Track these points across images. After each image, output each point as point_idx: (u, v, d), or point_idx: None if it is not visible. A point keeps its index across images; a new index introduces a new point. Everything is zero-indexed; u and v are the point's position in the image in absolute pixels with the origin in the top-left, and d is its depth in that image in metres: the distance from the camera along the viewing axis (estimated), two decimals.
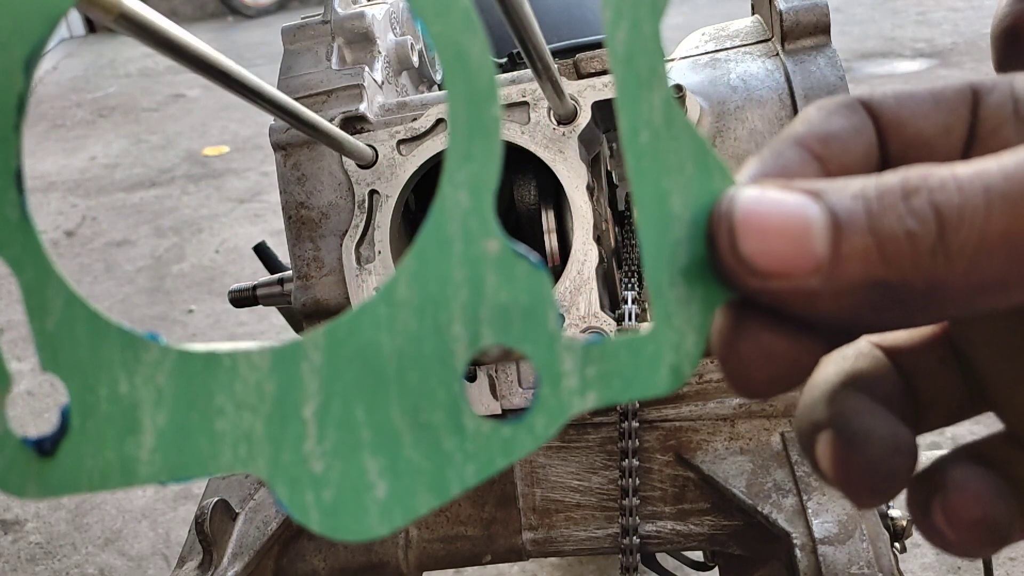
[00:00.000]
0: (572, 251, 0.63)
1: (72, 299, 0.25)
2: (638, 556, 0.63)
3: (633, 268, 0.70)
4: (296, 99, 0.56)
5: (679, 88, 0.65)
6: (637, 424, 0.65)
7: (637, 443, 0.64)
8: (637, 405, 0.65)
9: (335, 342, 0.24)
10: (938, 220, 0.21)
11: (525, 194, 0.70)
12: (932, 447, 1.75)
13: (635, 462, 0.64)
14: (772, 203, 0.22)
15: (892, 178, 0.22)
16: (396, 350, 0.24)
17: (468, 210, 0.24)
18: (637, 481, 0.63)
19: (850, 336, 0.25)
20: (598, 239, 0.64)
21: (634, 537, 0.63)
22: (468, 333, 0.24)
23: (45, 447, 0.25)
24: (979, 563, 1.14)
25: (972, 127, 0.27)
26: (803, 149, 0.26)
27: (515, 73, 0.69)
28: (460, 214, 0.24)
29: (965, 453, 0.28)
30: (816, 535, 0.58)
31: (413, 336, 0.24)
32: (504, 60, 0.87)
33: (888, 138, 0.27)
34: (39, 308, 0.25)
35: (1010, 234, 0.20)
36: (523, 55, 0.46)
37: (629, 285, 0.67)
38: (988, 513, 0.25)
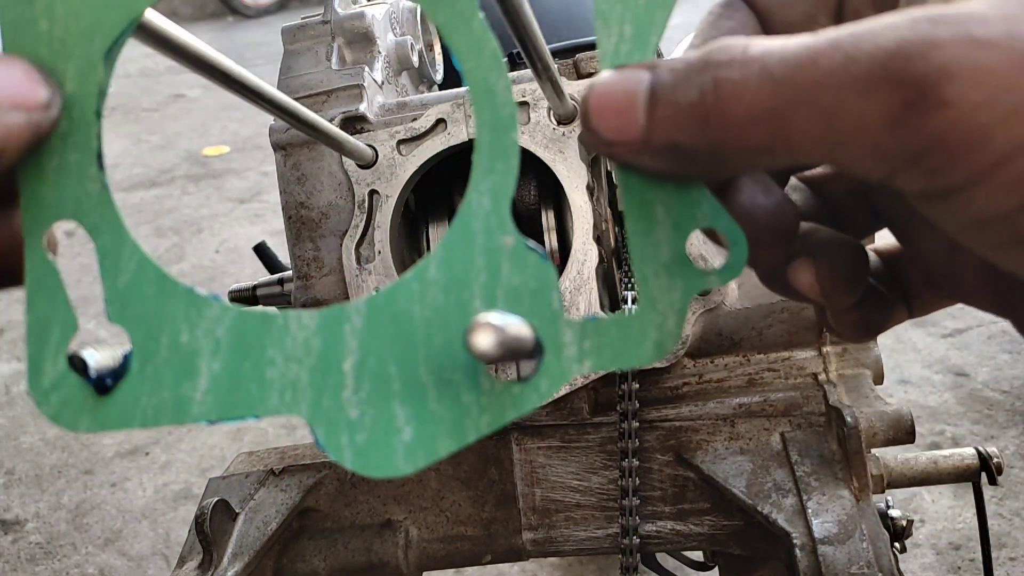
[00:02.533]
0: (572, 251, 0.63)
1: (145, 262, 0.29)
2: (638, 556, 0.63)
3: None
4: (296, 99, 0.56)
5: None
6: (637, 424, 0.65)
7: (637, 443, 0.64)
8: (637, 405, 0.65)
9: (374, 309, 0.28)
10: (716, 93, 0.24)
11: (525, 194, 0.70)
12: (932, 447, 1.75)
13: (635, 462, 0.64)
14: (614, 81, 0.27)
15: (701, 52, 0.25)
16: (425, 319, 0.28)
17: (489, 211, 0.29)
18: (637, 481, 0.63)
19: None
20: (598, 239, 0.64)
21: (634, 537, 0.63)
22: (486, 307, 0.28)
23: (105, 383, 0.28)
24: (979, 563, 1.14)
25: (838, 12, 0.31)
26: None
27: (515, 73, 0.69)
28: (483, 215, 0.29)
29: (873, 256, 0.36)
30: (816, 535, 0.58)
31: (440, 308, 0.28)
32: (504, 60, 0.87)
33: (766, 28, 0.32)
34: (112, 268, 0.29)
35: (772, 110, 0.23)
36: (523, 55, 0.46)
37: (629, 285, 0.67)
38: (863, 316, 0.35)
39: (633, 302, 0.65)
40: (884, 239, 0.38)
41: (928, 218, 0.26)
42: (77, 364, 0.26)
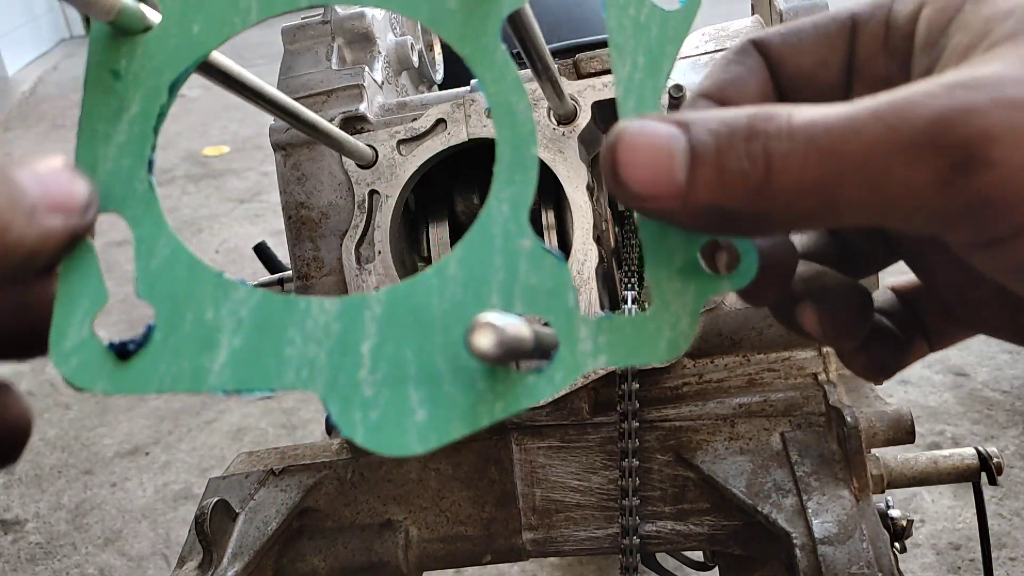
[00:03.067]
0: (572, 251, 0.63)
1: (179, 248, 0.31)
2: (638, 556, 0.63)
3: (633, 268, 0.70)
4: (296, 99, 0.56)
5: (679, 88, 0.65)
6: (637, 424, 0.64)
7: (637, 443, 0.64)
8: (637, 405, 0.65)
9: (394, 299, 0.29)
10: (766, 164, 0.25)
11: None
12: (932, 447, 1.75)
13: (635, 462, 0.64)
14: (647, 135, 0.27)
15: (743, 118, 0.26)
16: (444, 311, 0.29)
17: (508, 217, 0.31)
18: (637, 481, 0.63)
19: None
20: (598, 239, 0.64)
21: (634, 537, 0.63)
22: (503, 303, 0.29)
23: (128, 348, 0.29)
24: (979, 563, 1.14)
25: (850, 58, 0.33)
26: (707, 100, 0.32)
27: None
28: (502, 220, 0.31)
29: (889, 294, 0.37)
30: (816, 535, 0.58)
31: (458, 302, 0.29)
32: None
33: (777, 74, 0.33)
34: (147, 253, 0.31)
35: (821, 182, 0.25)
36: (523, 55, 0.46)
37: (629, 285, 0.67)
38: (876, 359, 0.36)
39: (633, 302, 0.65)
40: (900, 274, 0.39)
41: (975, 265, 0.27)
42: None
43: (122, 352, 0.29)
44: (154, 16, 0.33)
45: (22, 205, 0.26)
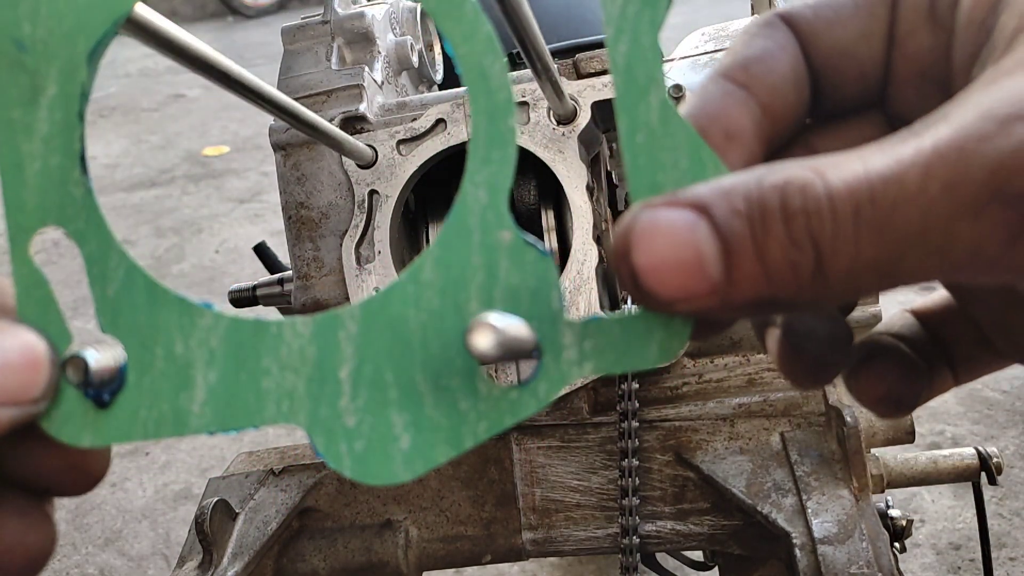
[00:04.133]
0: (572, 251, 0.63)
1: (132, 269, 0.28)
2: (638, 556, 0.63)
3: None
4: (296, 99, 0.56)
5: (679, 88, 0.65)
6: (637, 424, 0.65)
7: (637, 443, 0.64)
8: (637, 405, 0.65)
9: (369, 314, 0.27)
10: (815, 249, 0.22)
11: (525, 194, 0.70)
12: (932, 447, 1.75)
13: (635, 462, 0.64)
14: (663, 232, 0.23)
15: (770, 192, 0.22)
16: (421, 323, 0.27)
17: (486, 205, 0.28)
18: (637, 481, 0.63)
19: None
20: (598, 239, 0.64)
21: (634, 537, 0.63)
22: (483, 309, 0.27)
23: (103, 399, 0.27)
24: (979, 563, 1.14)
25: (891, 28, 0.29)
26: (725, 80, 0.28)
27: (515, 73, 0.69)
28: (479, 209, 0.28)
29: (910, 319, 0.33)
30: (816, 535, 0.58)
31: (436, 312, 0.27)
32: (499, 43, 0.87)
33: (809, 50, 0.29)
34: (100, 277, 0.28)
35: (879, 259, 0.22)
36: (523, 55, 0.46)
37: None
38: (891, 390, 0.30)
39: (633, 303, 0.65)
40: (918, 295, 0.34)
41: None
42: (79, 364, 0.26)
43: (99, 401, 0.27)
44: None
45: None
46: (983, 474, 0.73)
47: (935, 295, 0.34)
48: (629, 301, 0.65)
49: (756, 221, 0.22)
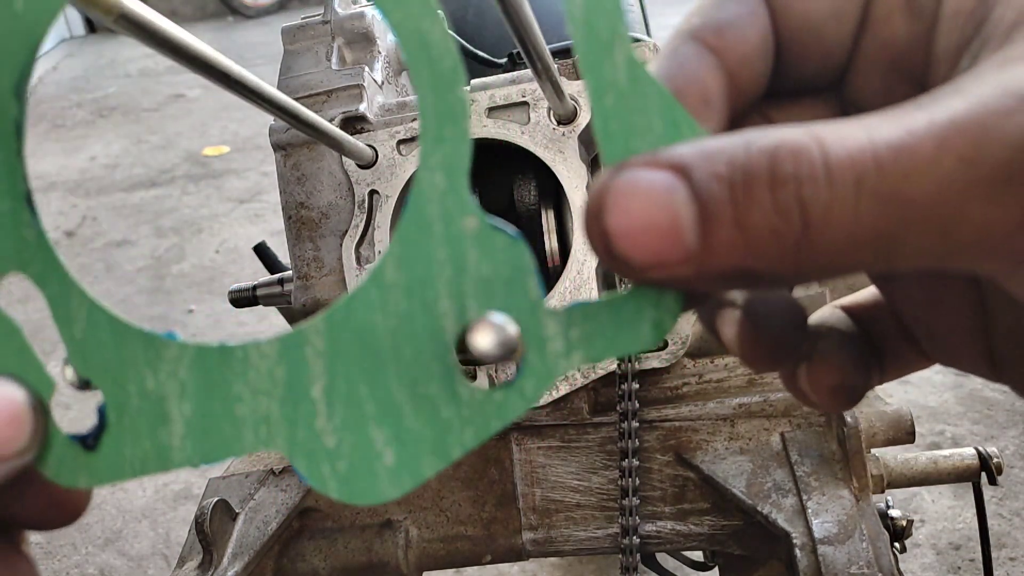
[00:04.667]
0: (572, 251, 0.63)
1: (93, 307, 0.27)
2: (638, 556, 0.63)
3: None
4: (296, 99, 0.56)
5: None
6: (637, 424, 0.64)
7: (637, 443, 0.64)
8: (637, 405, 0.65)
9: (334, 326, 0.25)
10: (803, 216, 0.20)
11: (525, 194, 0.70)
12: (932, 447, 1.75)
13: (635, 462, 0.64)
14: (639, 194, 0.22)
15: (759, 157, 0.21)
16: (390, 329, 0.25)
17: (444, 191, 0.25)
18: (637, 481, 0.63)
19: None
20: None
21: (634, 537, 0.63)
22: (455, 307, 0.25)
23: (88, 442, 0.27)
24: (979, 563, 1.14)
25: (865, 10, 0.27)
26: (698, 43, 0.26)
27: (515, 73, 0.69)
28: (437, 195, 0.25)
29: (841, 314, 0.31)
30: (816, 535, 0.58)
31: (404, 315, 0.25)
32: (504, 60, 0.87)
33: (779, 22, 0.27)
34: (65, 318, 0.27)
35: (878, 232, 0.20)
36: (523, 55, 0.46)
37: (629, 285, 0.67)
38: (845, 380, 0.29)
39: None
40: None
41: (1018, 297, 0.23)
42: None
43: (85, 444, 0.27)
44: None
45: None
46: (983, 474, 0.73)
47: (864, 292, 0.32)
48: None
49: (739, 186, 0.21)
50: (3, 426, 0.25)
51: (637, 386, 0.65)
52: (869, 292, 0.32)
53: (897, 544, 0.71)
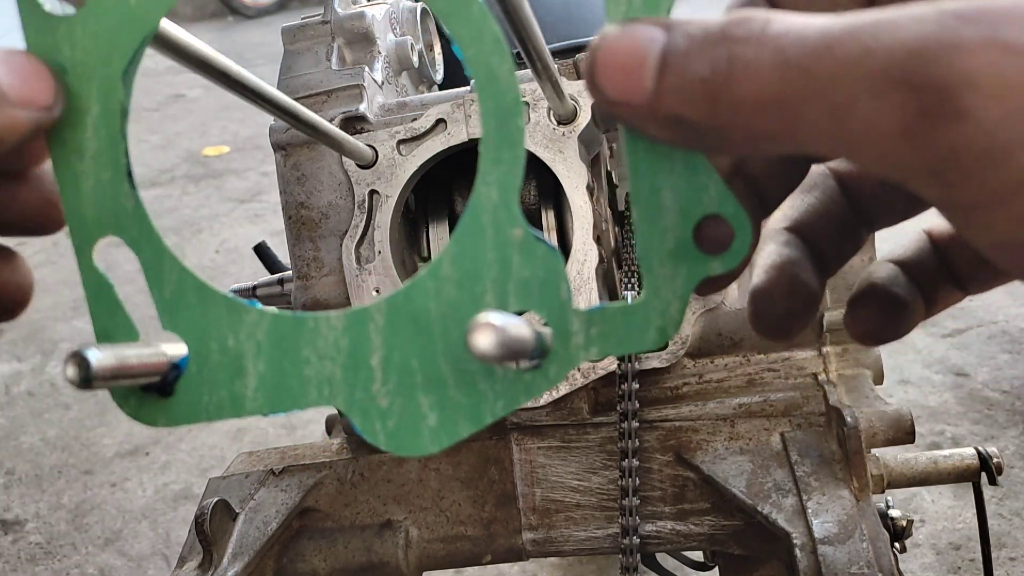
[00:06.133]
0: (572, 251, 0.63)
1: (184, 272, 0.31)
2: (638, 556, 0.63)
3: (633, 268, 0.70)
4: (296, 99, 0.56)
5: None
6: (637, 424, 0.64)
7: (637, 443, 0.64)
8: (637, 405, 0.65)
9: (393, 308, 0.30)
10: (728, 71, 0.23)
11: (525, 194, 0.70)
12: (932, 447, 1.75)
13: (635, 462, 0.64)
14: (627, 38, 0.25)
15: (719, 23, 0.23)
16: (441, 314, 0.30)
17: (497, 204, 0.30)
18: (637, 481, 0.63)
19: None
20: (598, 239, 0.64)
21: (634, 537, 0.63)
22: (498, 301, 0.30)
23: (167, 390, 0.31)
24: (979, 563, 1.14)
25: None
26: None
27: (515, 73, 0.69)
28: (491, 207, 0.30)
29: (890, 267, 0.35)
30: (816, 535, 0.58)
31: (454, 303, 0.29)
32: (506, 44, 0.87)
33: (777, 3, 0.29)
34: (157, 280, 0.32)
35: (781, 98, 0.22)
36: (523, 55, 0.46)
37: (629, 285, 0.67)
38: (869, 330, 0.34)
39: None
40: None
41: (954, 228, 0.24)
42: (80, 362, 0.27)
43: (162, 391, 0.30)
44: None
45: None
46: (983, 474, 0.73)
47: (909, 243, 0.35)
48: (629, 300, 0.65)
49: (695, 40, 0.24)
50: (32, 77, 0.29)
51: (637, 386, 0.65)
52: (914, 242, 0.35)
53: (897, 544, 0.71)
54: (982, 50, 0.20)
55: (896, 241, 0.38)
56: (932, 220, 0.34)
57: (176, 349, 0.30)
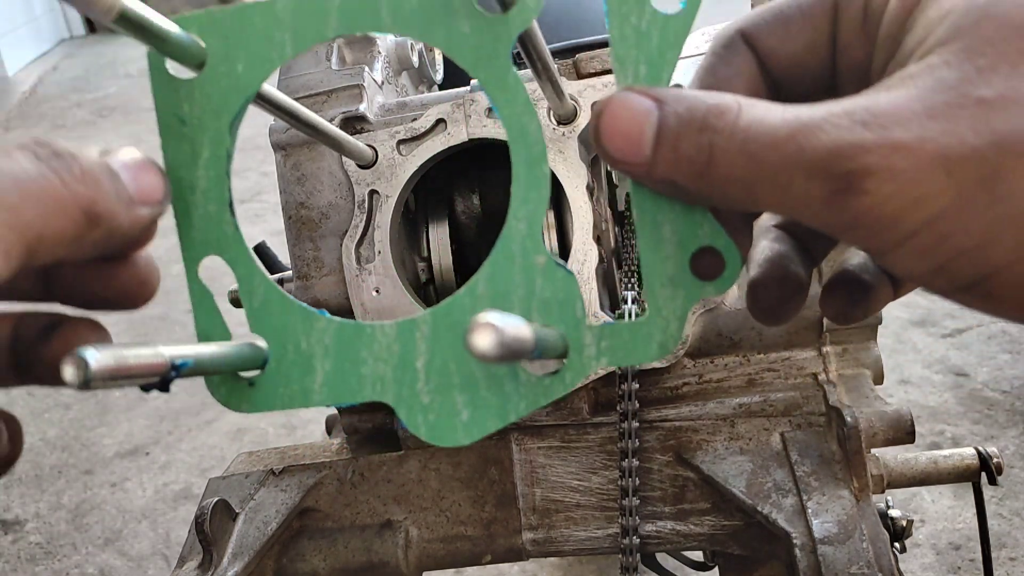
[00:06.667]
0: (572, 251, 0.63)
1: (270, 286, 0.38)
2: (638, 556, 0.63)
3: (632, 268, 0.70)
4: (296, 99, 0.56)
5: (679, 87, 0.65)
6: (637, 424, 0.64)
7: (637, 443, 0.64)
8: (637, 405, 0.65)
9: (437, 319, 0.35)
10: (709, 156, 0.30)
11: None
12: (932, 447, 1.75)
13: (635, 462, 0.64)
14: (627, 108, 0.32)
15: (703, 107, 0.31)
16: None
17: (525, 235, 0.36)
18: (637, 481, 0.63)
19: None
20: (598, 239, 0.64)
21: (634, 537, 0.63)
22: (523, 316, 0.35)
23: (252, 381, 0.37)
24: (979, 563, 1.14)
25: (832, 40, 0.35)
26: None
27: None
28: (520, 238, 0.36)
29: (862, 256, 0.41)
30: (816, 535, 0.58)
31: None
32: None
33: (768, 64, 0.36)
34: (248, 292, 0.39)
35: (745, 178, 0.30)
36: (523, 55, 0.46)
37: (629, 285, 0.67)
38: (839, 311, 0.40)
39: (632, 302, 0.65)
40: None
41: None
42: (78, 363, 0.27)
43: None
44: (201, 43, 0.38)
45: (123, 198, 0.33)
46: (983, 474, 0.73)
47: None
48: (629, 300, 0.65)
49: (684, 122, 0.31)
50: (152, 179, 0.34)
51: (637, 386, 0.65)
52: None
53: (897, 544, 0.71)
54: (877, 150, 0.27)
55: None
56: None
57: (174, 351, 0.31)
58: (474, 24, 0.36)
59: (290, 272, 0.73)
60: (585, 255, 0.63)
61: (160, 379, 0.30)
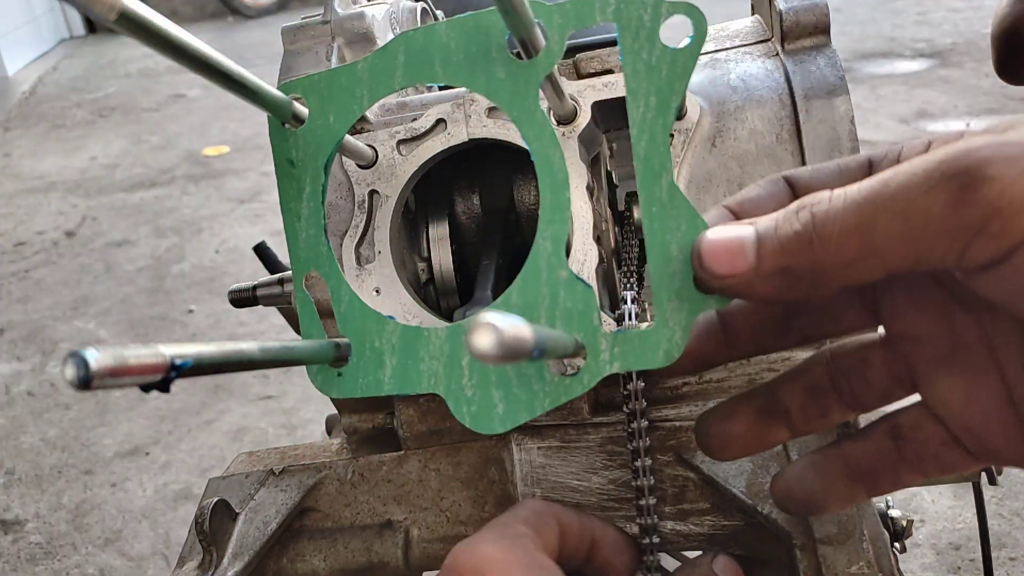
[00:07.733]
0: (572, 251, 0.63)
1: (353, 296, 0.47)
2: (658, 555, 0.63)
3: (632, 268, 0.70)
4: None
5: (679, 108, 0.65)
6: (647, 423, 0.64)
7: (648, 441, 0.64)
8: (644, 404, 0.65)
9: None
10: (814, 221, 0.32)
11: (525, 194, 0.70)
12: None
13: (647, 461, 0.64)
14: (724, 233, 0.36)
15: (793, 204, 0.34)
16: None
17: (551, 253, 0.42)
18: (652, 480, 0.63)
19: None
20: (598, 239, 0.64)
21: (654, 536, 0.63)
22: (548, 324, 0.41)
23: (340, 372, 0.46)
24: (979, 563, 1.14)
25: (868, 169, 0.39)
26: (725, 210, 0.40)
27: None
28: (546, 256, 0.42)
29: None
30: (816, 535, 0.58)
31: None
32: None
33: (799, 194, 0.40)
34: (337, 300, 0.47)
35: (859, 225, 0.31)
36: (523, 55, 0.46)
37: (628, 285, 0.67)
38: (695, 347, 0.44)
39: (632, 302, 0.65)
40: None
41: (985, 292, 0.32)
42: (78, 362, 0.27)
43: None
44: (304, 110, 0.47)
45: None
46: (983, 474, 0.73)
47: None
48: (629, 300, 0.65)
49: (779, 218, 0.34)
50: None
51: (643, 384, 0.65)
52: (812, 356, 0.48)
53: (897, 544, 0.71)
54: (989, 147, 0.29)
55: None
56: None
57: (174, 351, 0.31)
58: (508, 70, 0.43)
59: (290, 272, 0.73)
60: (585, 255, 0.63)
61: (160, 379, 0.30)
